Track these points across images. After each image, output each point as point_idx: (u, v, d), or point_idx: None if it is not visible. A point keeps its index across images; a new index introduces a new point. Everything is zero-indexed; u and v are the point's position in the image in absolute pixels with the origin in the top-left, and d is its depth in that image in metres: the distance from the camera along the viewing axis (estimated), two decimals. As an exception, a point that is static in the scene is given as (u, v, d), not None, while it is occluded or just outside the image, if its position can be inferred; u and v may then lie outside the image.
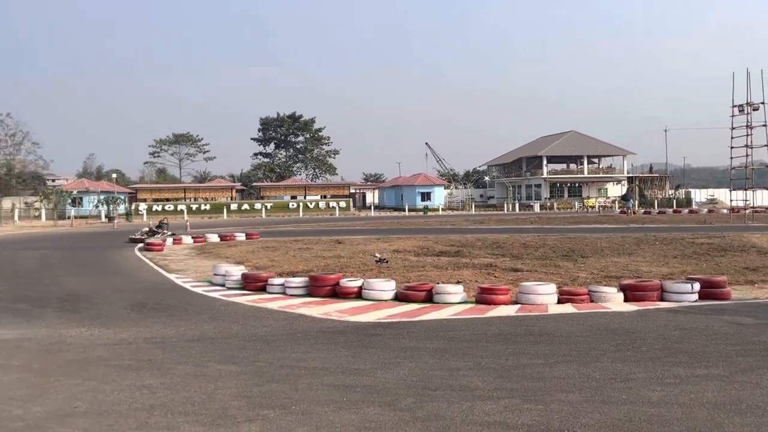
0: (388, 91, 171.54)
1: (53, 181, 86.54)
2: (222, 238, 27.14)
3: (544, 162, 70.87)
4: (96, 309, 10.66)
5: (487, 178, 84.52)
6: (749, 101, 33.89)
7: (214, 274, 13.94)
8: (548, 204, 66.18)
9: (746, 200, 36.12)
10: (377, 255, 17.85)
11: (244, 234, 28.14)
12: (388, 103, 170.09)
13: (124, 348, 7.74)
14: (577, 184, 72.48)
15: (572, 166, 75.21)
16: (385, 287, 11.48)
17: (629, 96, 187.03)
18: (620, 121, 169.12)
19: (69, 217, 50.11)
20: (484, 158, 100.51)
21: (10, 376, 6.39)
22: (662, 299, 10.66)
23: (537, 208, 64.07)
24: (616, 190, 71.83)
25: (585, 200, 67.13)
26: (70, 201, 55.92)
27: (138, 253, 21.54)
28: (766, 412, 4.99)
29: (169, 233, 28.23)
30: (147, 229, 29.00)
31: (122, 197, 59.07)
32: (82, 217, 52.70)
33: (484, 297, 10.70)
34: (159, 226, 29.44)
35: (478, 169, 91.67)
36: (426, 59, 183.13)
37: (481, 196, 78.83)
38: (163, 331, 8.74)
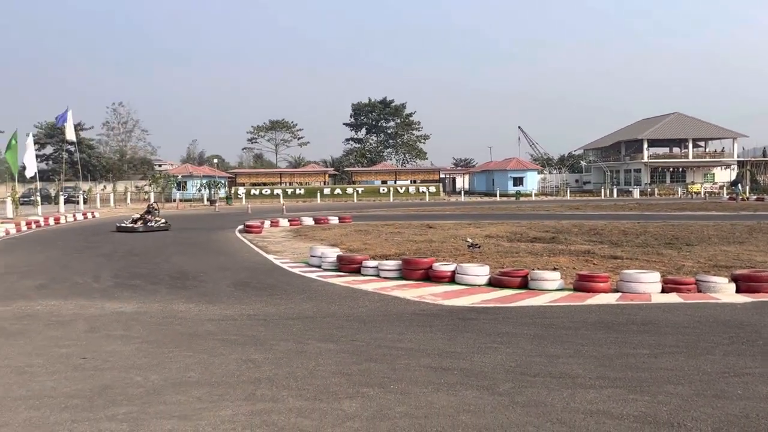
0: (479, 73, 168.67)
1: (160, 166, 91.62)
2: (316, 221, 27.87)
3: (645, 145, 67.53)
4: (203, 286, 11.26)
5: (583, 163, 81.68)
6: None
7: (311, 256, 14.35)
8: (649, 190, 63.11)
9: None
10: (469, 240, 17.72)
11: (337, 217, 28.75)
12: (480, 86, 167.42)
13: (230, 324, 8.13)
14: (680, 169, 68.60)
15: (675, 149, 71.21)
16: (478, 272, 11.38)
17: (741, 74, 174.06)
18: (730, 101, 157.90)
19: (175, 200, 53.08)
20: (580, 142, 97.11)
21: (130, 347, 6.89)
22: (779, 291, 9.93)
23: (636, 194, 61.28)
24: (724, 176, 67.38)
25: (689, 186, 63.44)
26: (175, 185, 59.12)
27: (239, 235, 22.51)
28: None
29: (162, 221, 25.41)
30: (138, 216, 25.57)
31: (223, 181, 61.77)
32: (186, 200, 55.62)
33: (582, 284, 10.39)
34: (148, 212, 25.69)
35: (573, 153, 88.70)
36: (517, 41, 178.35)
37: (577, 181, 76.27)
38: (264, 309, 9.12)
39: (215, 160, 72.96)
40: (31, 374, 5.83)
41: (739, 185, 54.04)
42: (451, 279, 11.49)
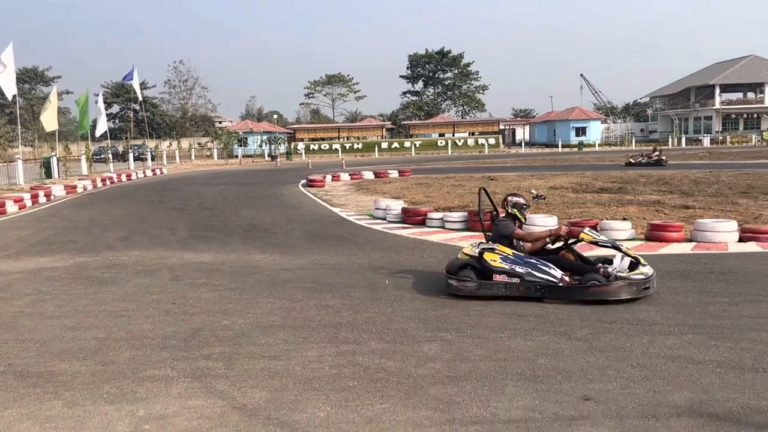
0: (538, 18, 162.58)
1: (220, 122, 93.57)
2: (376, 175, 28.05)
3: (717, 91, 64.17)
4: (274, 238, 11.62)
5: (649, 111, 78.42)
6: None
7: (375, 208, 14.53)
8: (720, 138, 60.28)
9: None
10: (533, 191, 17.46)
11: (396, 171, 28.82)
12: (538, 32, 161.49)
13: (305, 272, 8.41)
14: (755, 116, 64.99)
15: (750, 95, 67.36)
16: (547, 223, 11.30)
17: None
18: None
19: (237, 156, 54.27)
20: (646, 89, 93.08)
21: (214, 293, 7.25)
22: None
23: (706, 142, 58.66)
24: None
25: (765, 133, 60.17)
26: (237, 141, 60.28)
27: (302, 189, 22.95)
28: None
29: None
30: None
31: (282, 137, 62.53)
32: (247, 156, 56.77)
33: (654, 234, 10.18)
34: None
35: (638, 101, 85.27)
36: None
37: (642, 130, 73.47)
38: (336, 259, 9.37)
39: (275, 116, 73.72)
40: (127, 318, 6.25)
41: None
42: (518, 230, 11.43)
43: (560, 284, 6.41)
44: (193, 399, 4.18)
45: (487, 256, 6.75)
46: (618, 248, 6.79)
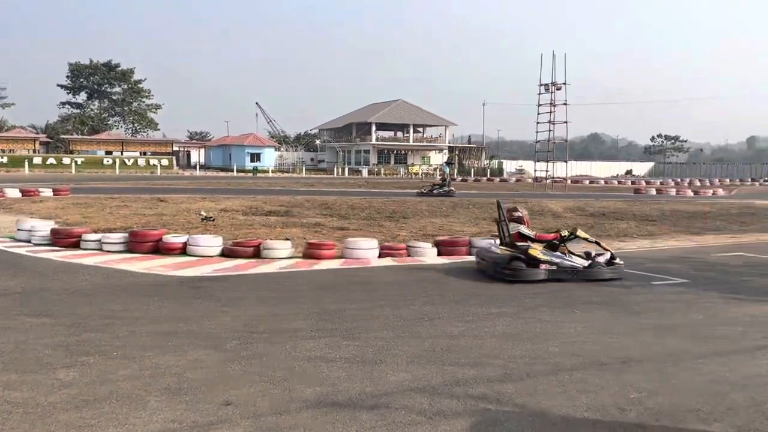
0: (215, 42, 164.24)
1: None
2: (24, 192, 24.64)
3: (373, 128, 72.89)
4: None
5: (318, 142, 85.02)
6: (553, 81, 37.62)
7: (18, 230, 12.80)
8: (376, 169, 68.43)
9: (547, 171, 40.29)
10: (203, 213, 17.46)
11: (50, 189, 25.77)
12: (215, 57, 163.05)
13: None
14: (403, 152, 75.62)
15: (399, 134, 78.19)
16: (211, 243, 11.38)
17: (452, 69, 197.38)
18: (443, 93, 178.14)
19: None
20: (316, 122, 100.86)
21: None
22: (471, 254, 11.80)
23: (365, 173, 65.97)
24: (438, 159, 76.24)
25: (410, 167, 70.41)
26: None
27: None
28: (541, 339, 5.98)
29: None
30: None
31: None
32: None
33: (311, 252, 11.08)
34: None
35: (309, 132, 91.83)
36: (266, 12, 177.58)
37: (312, 159, 79.25)
38: (-41, 287, 7.99)
39: None
40: None
41: (448, 168, 61.75)
42: (183, 251, 11.30)
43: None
44: None
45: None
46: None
